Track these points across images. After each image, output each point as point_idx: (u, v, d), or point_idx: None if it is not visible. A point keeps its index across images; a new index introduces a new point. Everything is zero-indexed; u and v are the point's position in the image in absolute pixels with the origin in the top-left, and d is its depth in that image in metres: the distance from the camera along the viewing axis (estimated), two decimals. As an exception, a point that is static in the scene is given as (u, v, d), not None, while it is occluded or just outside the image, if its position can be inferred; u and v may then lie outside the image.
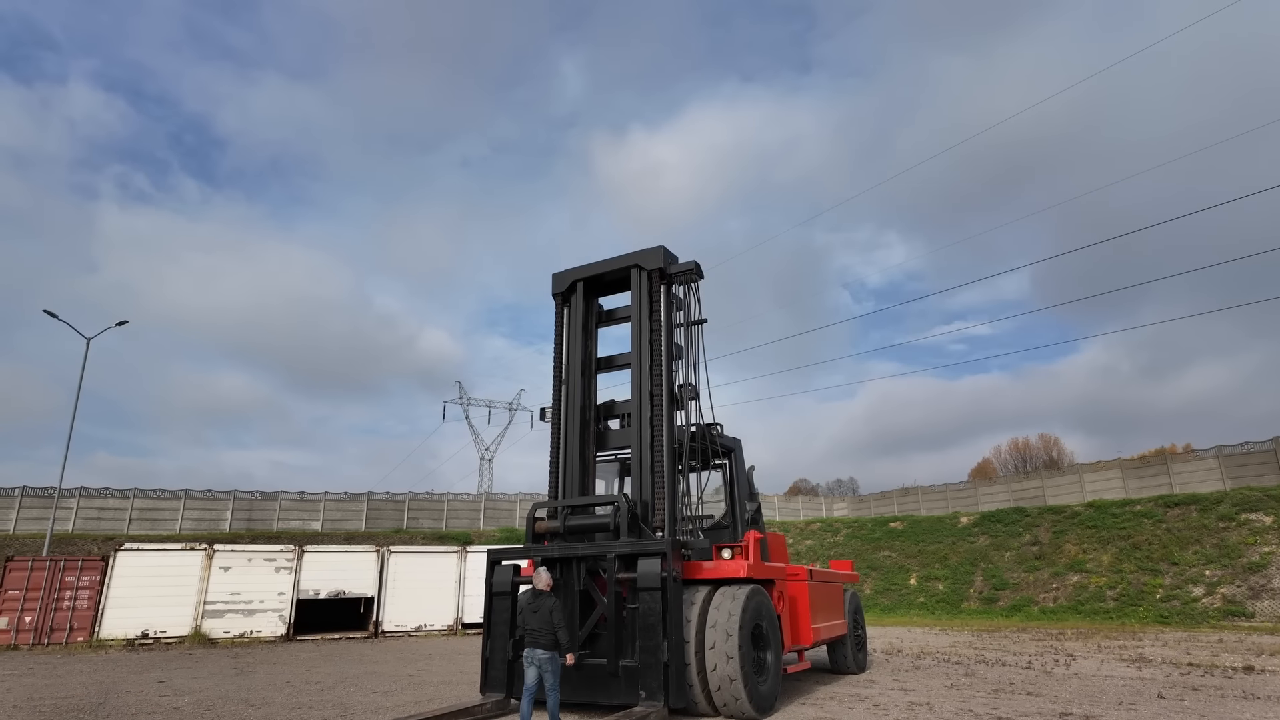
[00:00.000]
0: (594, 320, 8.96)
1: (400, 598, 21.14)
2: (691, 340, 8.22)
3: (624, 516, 7.32)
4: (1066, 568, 27.57)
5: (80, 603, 18.14)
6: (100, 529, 29.71)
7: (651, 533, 7.42)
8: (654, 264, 8.22)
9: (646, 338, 8.14)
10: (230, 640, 18.88)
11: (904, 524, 35.33)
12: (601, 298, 9.12)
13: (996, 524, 31.92)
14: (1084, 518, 29.27)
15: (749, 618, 7.05)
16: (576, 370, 8.58)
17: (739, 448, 9.64)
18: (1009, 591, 28.26)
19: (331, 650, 16.88)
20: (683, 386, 8.05)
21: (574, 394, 8.50)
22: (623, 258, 8.52)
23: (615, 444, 8.49)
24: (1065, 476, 33.71)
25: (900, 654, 13.77)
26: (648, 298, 8.26)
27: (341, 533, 33.10)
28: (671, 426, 7.85)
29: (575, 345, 8.67)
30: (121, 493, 31.08)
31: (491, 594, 7.77)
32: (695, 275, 8.20)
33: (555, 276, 8.99)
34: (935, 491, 39.50)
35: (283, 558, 20.21)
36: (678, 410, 8.07)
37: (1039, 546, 29.36)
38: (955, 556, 31.49)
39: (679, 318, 8.36)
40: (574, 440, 8.32)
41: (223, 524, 32.15)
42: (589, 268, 8.75)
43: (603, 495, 8.23)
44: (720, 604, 7.06)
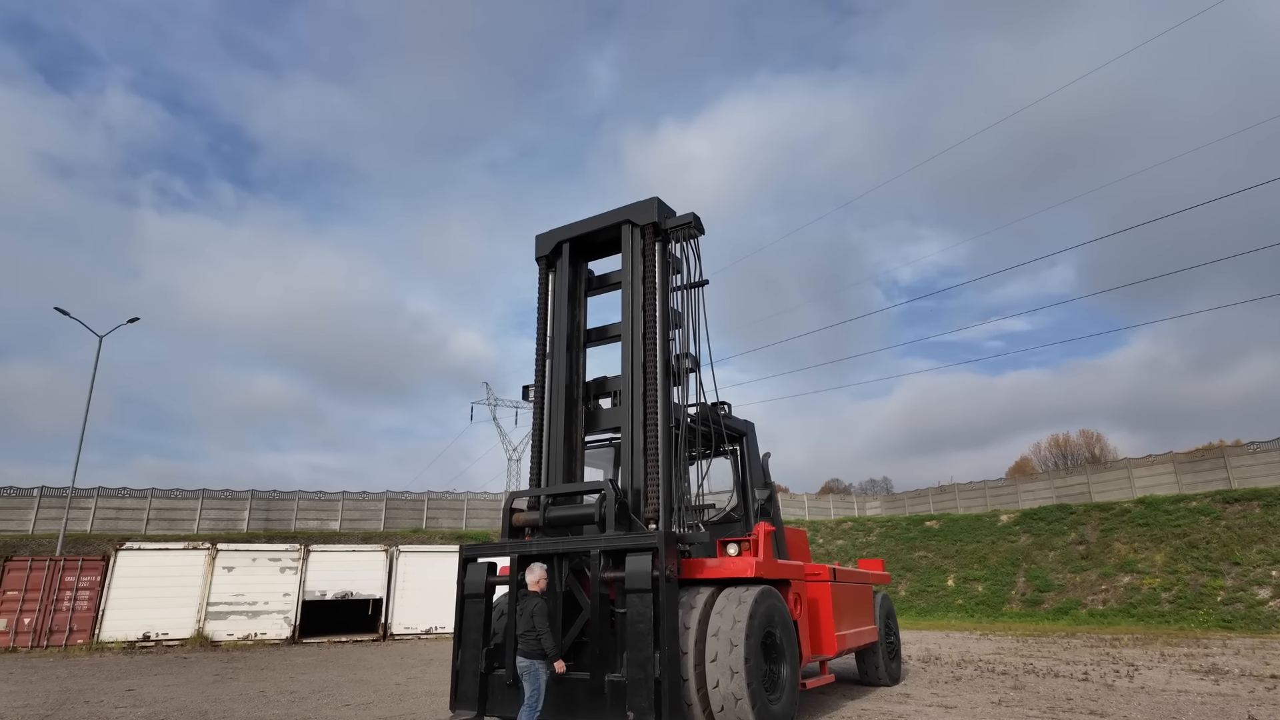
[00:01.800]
0: (582, 286, 7.93)
1: (410, 599, 20.33)
2: (692, 305, 7.15)
3: (611, 506, 6.28)
4: (1116, 568, 25.86)
5: (80, 604, 17.61)
6: (118, 529, 29.46)
7: (643, 525, 6.38)
8: (647, 218, 7.17)
9: (639, 303, 7.09)
10: (233, 643, 18.23)
11: (940, 523, 33.74)
12: (591, 261, 8.09)
13: (1039, 522, 30.23)
14: (1134, 515, 27.50)
15: (758, 624, 5.96)
16: (562, 342, 7.55)
17: (751, 432, 8.55)
18: (1054, 593, 26.63)
19: (332, 654, 16.09)
20: (680, 357, 6.99)
21: (559, 369, 7.48)
22: (613, 213, 7.48)
23: (607, 425, 7.44)
24: (1112, 472, 31.84)
25: (938, 662, 12.52)
26: (640, 257, 7.21)
27: (360, 532, 32.55)
28: (667, 402, 6.80)
29: (561, 314, 7.65)
30: (139, 493, 30.85)
31: (463, 596, 6.77)
32: (694, 230, 7.12)
33: (539, 238, 7.98)
34: (973, 489, 37.80)
35: (288, 557, 19.52)
36: (675, 386, 7.01)
37: (1086, 546, 27.65)
38: (995, 556, 29.87)
39: (677, 281, 7.30)
40: (559, 421, 7.30)
41: (240, 524, 31.77)
42: (576, 226, 7.72)
43: (588, 482, 7.22)
44: (724, 608, 5.99)
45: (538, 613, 5.70)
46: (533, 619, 5.68)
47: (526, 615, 5.72)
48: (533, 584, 5.87)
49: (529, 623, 5.67)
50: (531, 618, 5.68)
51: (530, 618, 5.69)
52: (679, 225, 7.14)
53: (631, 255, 7.26)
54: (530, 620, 5.68)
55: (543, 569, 5.99)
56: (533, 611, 5.73)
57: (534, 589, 5.85)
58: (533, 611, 5.73)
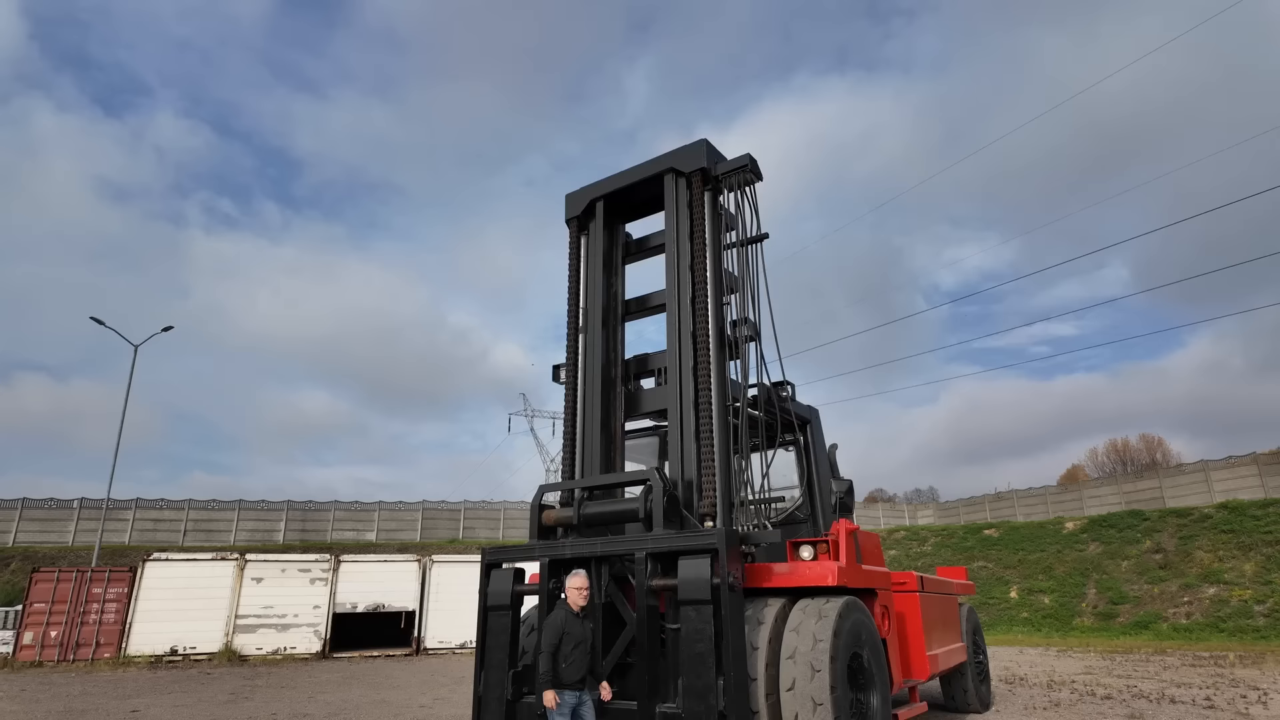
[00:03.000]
0: (619, 251, 6.90)
1: (444, 611, 19.45)
2: (749, 265, 6.05)
3: (659, 499, 5.20)
4: (1199, 579, 23.85)
5: (107, 617, 17.09)
6: (155, 541, 29.26)
7: (698, 522, 5.30)
8: (693, 164, 6.11)
9: (686, 263, 6.03)
10: (262, 657, 17.53)
11: (1000, 531, 31.84)
12: (629, 223, 7.05)
13: (1108, 529, 28.23)
14: (1216, 521, 25.43)
15: (845, 644, 4.83)
16: (597, 315, 6.52)
17: (816, 419, 7.41)
18: (1130, 606, 24.69)
19: (360, 670, 15.24)
20: (737, 324, 5.91)
21: (595, 346, 6.44)
22: (653, 162, 6.45)
23: (649, 408, 6.37)
24: (1188, 475, 29.67)
25: (1025, 683, 11.13)
26: (687, 210, 6.15)
27: (396, 543, 31.95)
28: (722, 378, 5.71)
29: (596, 283, 6.62)
30: (176, 504, 30.69)
31: (486, 608, 5.75)
32: (750, 174, 6.04)
33: (569, 197, 6.97)
34: (1032, 495, 35.78)
35: (318, 568, 18.81)
36: (732, 360, 5.93)
37: (1163, 554, 25.65)
38: (1062, 566, 27.96)
39: (730, 237, 6.23)
40: (594, 405, 6.26)
41: (277, 535, 31.42)
42: (610, 181, 6.69)
43: (631, 472, 6.16)
44: (801, 625, 4.87)
45: (547, 629, 4.68)
46: (536, 634, 4.83)
47: (547, 629, 4.70)
48: (572, 596, 4.82)
49: (551, 639, 4.61)
50: (534, 632, 4.77)
51: (534, 633, 4.81)
52: (732, 170, 6.07)
53: (676, 209, 6.20)
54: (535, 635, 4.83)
55: (584, 578, 4.94)
56: (537, 626, 4.85)
57: (573, 603, 4.80)
58: (537, 626, 4.85)
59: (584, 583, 4.85)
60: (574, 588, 4.82)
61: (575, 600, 4.78)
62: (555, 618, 4.71)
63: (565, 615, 4.69)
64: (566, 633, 4.63)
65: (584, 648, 4.68)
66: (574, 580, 4.86)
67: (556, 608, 4.83)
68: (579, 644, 4.65)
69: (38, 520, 28.68)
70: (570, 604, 4.76)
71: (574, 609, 4.74)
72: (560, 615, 4.71)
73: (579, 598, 4.80)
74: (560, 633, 4.62)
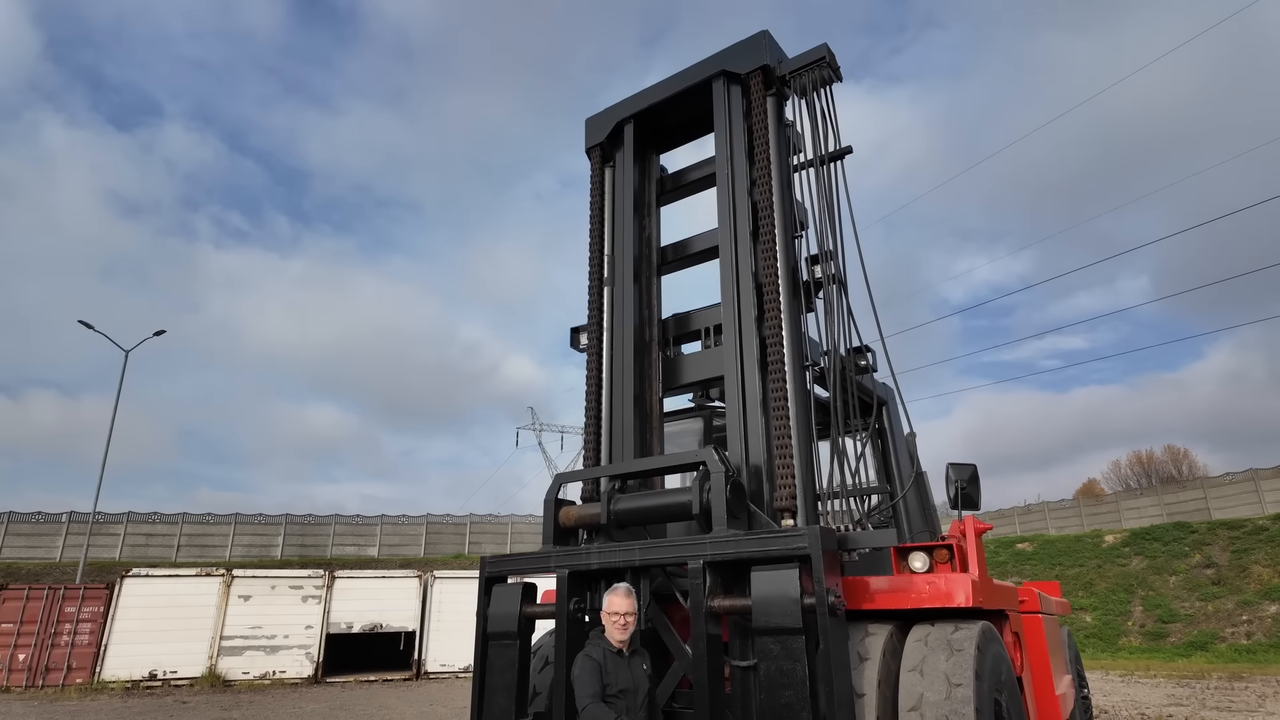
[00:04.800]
0: (652, 188, 5.55)
1: (447, 632, 18.01)
2: (828, 190, 4.68)
3: (719, 489, 3.82)
4: (1259, 595, 22.21)
5: (81, 638, 15.75)
6: (147, 556, 27.93)
7: (772, 520, 3.93)
8: (752, 63, 4.77)
9: (745, 189, 4.70)
10: (248, 682, 16.12)
11: (1034, 545, 30.20)
12: (664, 152, 5.73)
13: (1152, 542, 26.60)
14: (1273, 533, 23.80)
15: (988, 689, 3.44)
16: (627, 266, 5.17)
17: (893, 399, 6.02)
18: (1181, 624, 23.04)
19: (354, 697, 13.82)
20: (818, 258, 4.55)
21: (624, 303, 5.09)
22: (697, 67, 5.11)
23: (695, 376, 5.00)
24: (1235, 485, 27.97)
25: (1110, 716, 9.62)
26: (744, 124, 4.82)
27: (399, 559, 30.52)
28: (797, 332, 4.37)
29: (625, 228, 5.28)
30: (170, 518, 29.40)
31: (485, 635, 4.36)
32: (827, 72, 4.72)
33: (590, 122, 5.64)
34: (1065, 508, 34.11)
35: (311, 585, 17.43)
36: (806, 312, 4.59)
37: (1215, 569, 24.00)
38: (1103, 582, 26.31)
39: (799, 159, 4.89)
40: (626, 375, 4.90)
41: (274, 550, 30.06)
42: (643, 96, 5.36)
43: (678, 454, 4.82)
44: (926, 662, 3.48)
45: (581, 677, 3.29)
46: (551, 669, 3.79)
47: (581, 677, 3.31)
48: (610, 626, 3.40)
49: (590, 688, 3.24)
50: (548, 667, 3.88)
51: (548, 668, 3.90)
52: (804, 68, 4.72)
53: (729, 122, 4.85)
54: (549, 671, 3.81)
55: (628, 596, 3.50)
56: (555, 660, 3.74)
57: (612, 636, 3.40)
58: (555, 660, 3.74)
59: (628, 605, 3.42)
60: (613, 613, 3.38)
61: (615, 633, 3.36)
62: (589, 659, 3.30)
63: (604, 653, 3.28)
64: (606, 676, 3.23)
65: (634, 699, 3.28)
66: (613, 601, 3.42)
67: (589, 644, 3.42)
68: (625, 693, 3.25)
69: (24, 535, 27.44)
70: (609, 637, 3.36)
71: (613, 644, 3.33)
72: (596, 653, 3.30)
73: (620, 628, 3.37)
74: (600, 680, 3.21)
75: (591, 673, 3.22)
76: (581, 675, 3.24)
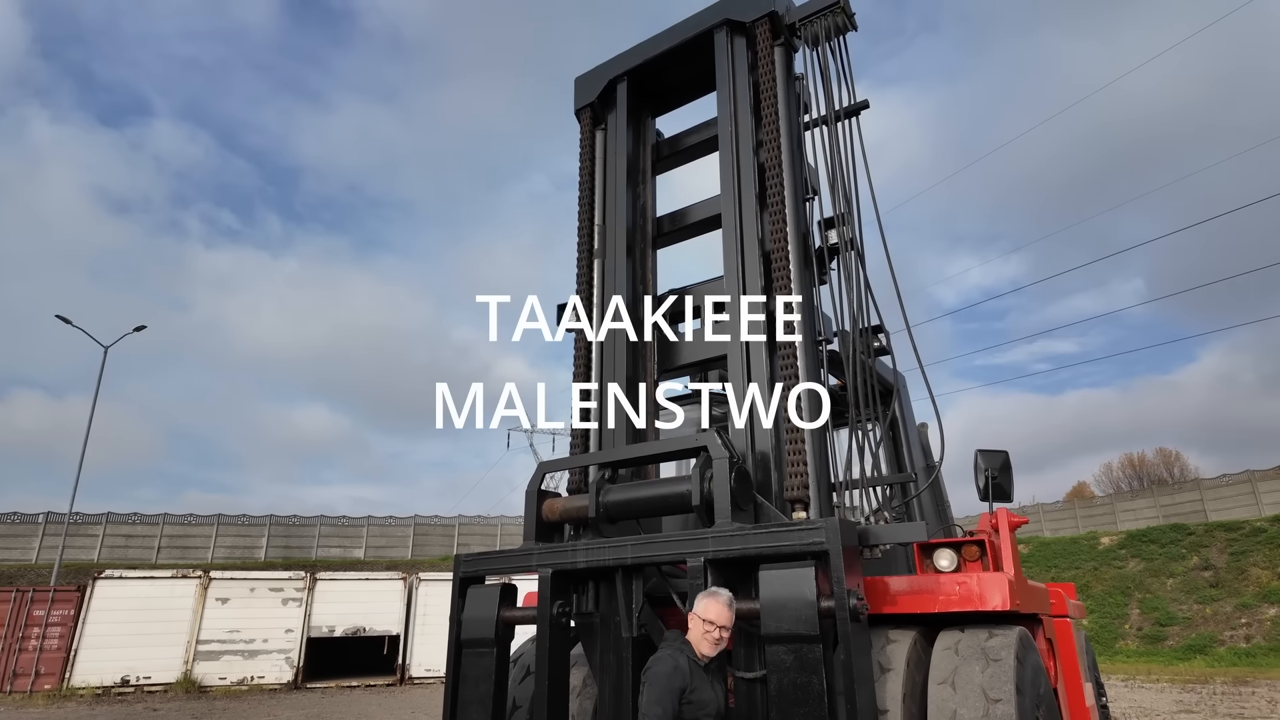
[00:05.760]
0: (648, 154, 5.12)
1: (432, 635, 17.51)
2: (843, 148, 4.24)
3: (723, 477, 3.38)
4: (1258, 598, 21.94)
5: (50, 642, 15.16)
6: (126, 558, 27.24)
7: (782, 511, 3.49)
8: (757, 10, 4.34)
9: (750, 150, 4.27)
10: (225, 688, 15.56)
11: (1029, 547, 29.90)
12: (661, 115, 5.29)
13: (1149, 544, 26.34)
14: (1271, 535, 23.56)
15: (1030, 705, 3.01)
16: (619, 238, 4.72)
17: (905, 387, 5.61)
18: (1179, 628, 22.76)
19: (332, 705, 13.31)
20: (832, 222, 4.12)
21: (616, 278, 4.65)
22: (697, 18, 4.69)
23: (694, 357, 4.56)
24: (1231, 487, 27.75)
25: (1120, 725, 9.24)
26: (749, 77, 4.39)
27: (385, 561, 29.93)
28: (809, 305, 3.94)
29: (618, 197, 4.83)
30: (150, 519, 28.72)
31: (459, 642, 3.90)
32: (841, 20, 4.29)
33: (579, 81, 5.19)
34: (1060, 509, 33.89)
35: (291, 587, 16.88)
36: (818, 284, 4.16)
37: (1213, 571, 23.74)
38: (1100, 585, 26.03)
39: (809, 117, 4.46)
40: (618, 355, 4.46)
41: (258, 552, 29.42)
42: (638, 51, 4.92)
43: (675, 438, 4.39)
44: (959, 674, 3.05)
45: (655, 682, 2.67)
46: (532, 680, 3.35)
47: (655, 681, 2.70)
48: (696, 634, 2.81)
49: (667, 702, 2.62)
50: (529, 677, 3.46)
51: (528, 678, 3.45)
52: (815, 14, 4.30)
53: (733, 76, 4.42)
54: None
55: (726, 606, 2.84)
56: (536, 670, 3.37)
57: (697, 645, 2.80)
58: (536, 670, 3.37)
59: (729, 617, 2.79)
60: (709, 623, 2.76)
61: (704, 647, 2.77)
62: (678, 670, 2.69)
63: (688, 662, 2.72)
64: (689, 693, 2.65)
65: (714, 718, 2.76)
66: (710, 608, 2.78)
67: (671, 647, 2.81)
68: (706, 711, 2.70)
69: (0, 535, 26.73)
70: (694, 645, 2.78)
71: (698, 655, 2.77)
72: (681, 662, 2.71)
73: (712, 643, 2.75)
74: (681, 690, 2.64)
75: (674, 691, 2.62)
76: (657, 686, 2.63)
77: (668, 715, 2.58)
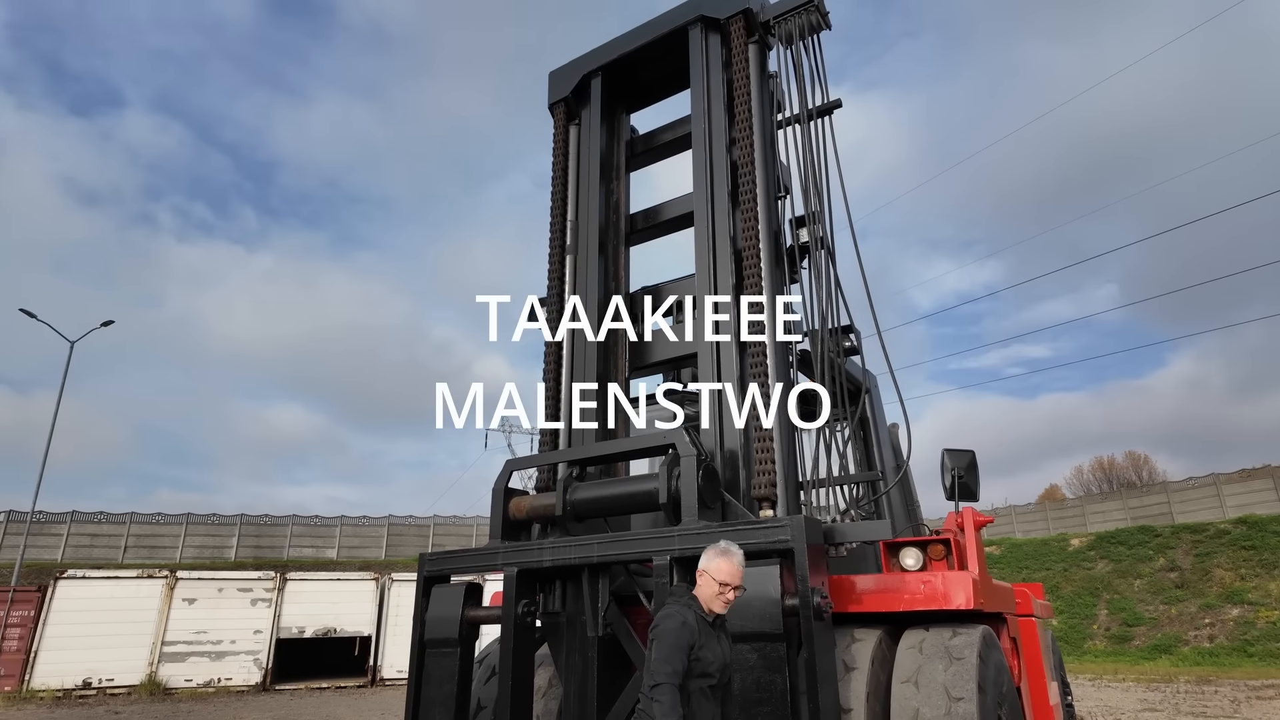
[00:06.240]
0: (621, 151, 5.10)
1: (404, 636, 17.25)
2: (815, 148, 4.25)
3: (690, 474, 3.36)
4: (1221, 599, 22.39)
5: (9, 644, 14.80)
6: (91, 558, 26.64)
7: (749, 509, 3.48)
8: (730, 7, 4.34)
9: (723, 147, 4.26)
10: (191, 690, 15.27)
11: (1001, 548, 30.26)
12: (636, 111, 5.27)
13: (1118, 546, 26.77)
14: (1234, 537, 24.04)
15: (992, 703, 3.02)
16: (592, 234, 4.70)
17: (876, 387, 5.64)
18: (1145, 628, 23.16)
19: (300, 707, 13.11)
20: (803, 221, 4.13)
21: (588, 275, 4.62)
22: (672, 13, 4.68)
23: (665, 355, 4.55)
24: (1198, 490, 28.29)
25: (1086, 724, 9.37)
26: (723, 74, 4.38)
27: (358, 561, 29.57)
28: (779, 302, 3.93)
29: (590, 193, 4.81)
30: (117, 518, 28.14)
31: (422, 643, 3.85)
32: (815, 19, 4.30)
33: (554, 75, 5.16)
34: (1031, 511, 34.34)
35: (260, 588, 16.62)
36: (790, 283, 4.16)
37: (1179, 573, 24.18)
38: (1069, 586, 26.41)
39: (783, 114, 4.46)
40: (588, 353, 4.43)
41: (228, 552, 28.93)
42: (613, 46, 4.89)
43: (644, 434, 4.37)
44: (922, 673, 3.05)
45: (664, 636, 2.52)
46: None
47: (665, 636, 2.55)
48: (706, 593, 2.63)
49: (677, 656, 2.47)
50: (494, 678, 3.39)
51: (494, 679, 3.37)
52: (789, 12, 4.30)
53: (707, 73, 4.41)
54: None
55: (737, 564, 2.64)
56: (502, 670, 3.34)
57: (707, 602, 2.63)
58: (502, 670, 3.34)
59: (739, 575, 2.63)
60: (723, 583, 2.60)
61: (715, 605, 2.62)
62: (675, 620, 2.55)
63: (695, 618, 2.59)
64: (697, 650, 2.53)
65: (723, 677, 2.64)
66: (724, 567, 2.61)
67: (678, 602, 2.66)
68: (713, 668, 2.57)
69: (-42, 535, 26.04)
70: (703, 603, 2.63)
71: (706, 611, 2.63)
72: (689, 617, 2.57)
73: (724, 603, 2.63)
74: (690, 647, 2.51)
75: (682, 648, 2.48)
76: (669, 643, 2.50)
77: (677, 673, 2.46)
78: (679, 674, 2.46)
